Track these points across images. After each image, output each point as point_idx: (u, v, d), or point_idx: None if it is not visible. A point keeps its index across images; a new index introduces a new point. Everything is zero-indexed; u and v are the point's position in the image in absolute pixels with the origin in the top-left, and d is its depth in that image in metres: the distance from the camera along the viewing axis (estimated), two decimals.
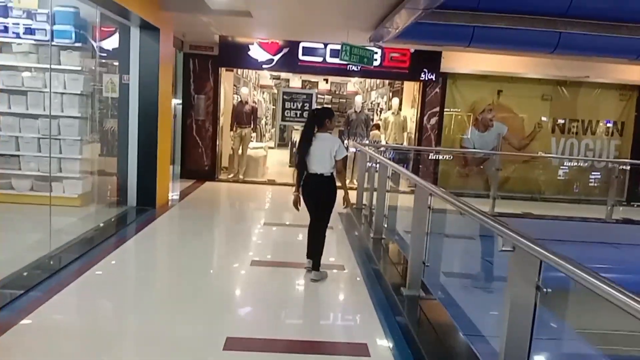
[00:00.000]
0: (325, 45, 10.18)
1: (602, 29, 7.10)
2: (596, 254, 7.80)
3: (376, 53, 8.59)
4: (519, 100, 10.96)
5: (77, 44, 7.03)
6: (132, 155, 7.32)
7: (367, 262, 5.34)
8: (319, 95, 15.50)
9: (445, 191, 3.49)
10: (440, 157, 10.95)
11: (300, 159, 4.77)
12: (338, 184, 4.80)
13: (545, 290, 2.24)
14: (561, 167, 11.35)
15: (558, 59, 10.05)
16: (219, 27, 9.09)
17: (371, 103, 15.40)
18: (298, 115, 10.68)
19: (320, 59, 10.29)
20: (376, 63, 9.74)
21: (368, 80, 16.07)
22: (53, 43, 7.02)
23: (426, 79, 10.40)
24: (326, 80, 17.44)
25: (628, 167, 10.79)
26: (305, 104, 10.68)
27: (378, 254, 5.37)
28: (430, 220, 4.02)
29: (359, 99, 11.31)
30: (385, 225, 5.97)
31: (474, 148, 11.00)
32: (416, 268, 4.04)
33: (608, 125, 11.08)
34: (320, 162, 4.67)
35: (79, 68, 6.98)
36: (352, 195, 7.65)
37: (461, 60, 10.51)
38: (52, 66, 6.95)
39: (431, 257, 4.15)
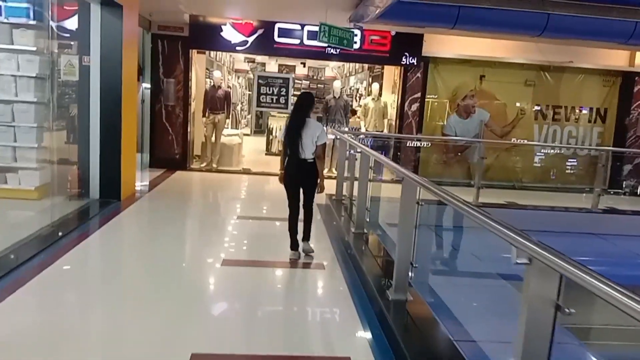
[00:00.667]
0: (303, 26, 9.67)
1: (591, 10, 6.76)
2: (584, 245, 7.59)
3: (356, 35, 8.14)
4: (502, 85, 10.66)
5: (31, 22, 6.43)
6: (93, 143, 6.76)
7: (348, 261, 4.95)
8: (296, 81, 15.00)
9: (441, 188, 3.10)
10: (421, 144, 10.62)
11: (292, 143, 4.79)
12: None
13: (567, 310, 1.91)
14: (537, 154, 11.14)
15: (542, 42, 9.79)
16: (188, 5, 8.52)
17: (350, 88, 14.96)
18: (274, 101, 10.19)
19: (297, 41, 9.79)
20: (356, 46, 9.29)
21: (347, 64, 15.62)
22: (4, 20, 6.41)
23: (407, 63, 10.00)
24: (304, 64, 16.92)
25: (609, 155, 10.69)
26: (282, 89, 10.19)
27: (360, 251, 4.98)
28: (418, 215, 3.64)
29: (337, 84, 10.86)
30: (367, 219, 5.59)
31: (455, 135, 10.69)
32: (403, 270, 3.66)
33: (584, 111, 10.85)
34: (306, 147, 4.76)
35: (34, 49, 6.38)
36: (332, 185, 7.28)
37: (443, 44, 10.14)
38: (3, 46, 6.35)
39: (419, 255, 3.79)
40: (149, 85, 9.94)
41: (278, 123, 13.29)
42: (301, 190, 4.95)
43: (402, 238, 3.63)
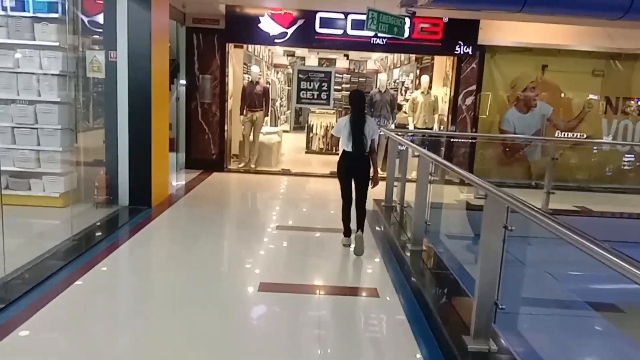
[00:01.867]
0: (346, 15, 8.91)
1: None
2: None
3: (406, 22, 7.30)
4: (566, 76, 9.60)
5: (54, 15, 5.94)
6: (122, 146, 6.24)
7: (407, 287, 4.18)
8: (336, 75, 14.25)
9: (542, 211, 2.31)
10: (476, 140, 9.71)
11: (356, 139, 4.98)
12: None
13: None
14: (608, 152, 10.02)
15: (612, 27, 8.72)
16: None
17: (394, 82, 14.10)
18: (315, 96, 9.48)
19: (340, 32, 9.04)
20: (405, 35, 8.47)
21: (390, 56, 14.76)
22: (26, 14, 5.94)
23: (461, 52, 9.11)
24: (347, 56, 16.11)
25: None
26: (323, 84, 9.47)
27: (421, 276, 4.21)
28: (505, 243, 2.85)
29: (383, 77, 10.07)
30: (426, 232, 4.81)
31: (515, 131, 9.71)
32: (485, 311, 2.89)
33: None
34: (365, 142, 5.02)
35: (57, 44, 5.89)
36: (381, 190, 6.53)
37: (501, 32, 9.18)
38: (25, 42, 5.88)
39: (504, 290, 2.98)
40: (184, 82, 9.42)
41: (319, 120, 12.61)
42: (353, 185, 5.17)
43: (485, 273, 2.84)
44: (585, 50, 9.33)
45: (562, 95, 9.66)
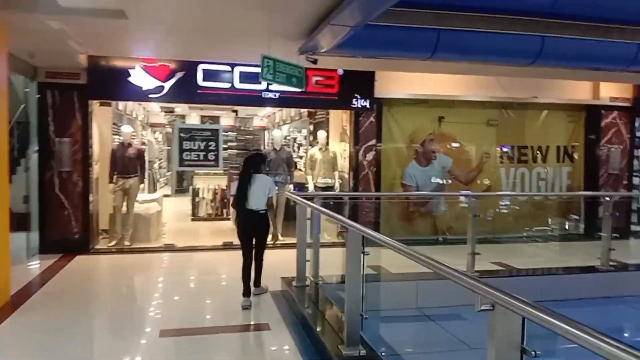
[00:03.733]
0: (233, 67, 7.92)
1: (591, 31, 5.60)
2: (608, 313, 6.19)
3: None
4: (463, 127, 9.41)
5: None
6: None
7: None
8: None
9: None
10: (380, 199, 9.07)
11: (239, 198, 5.39)
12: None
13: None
14: (504, 202, 9.90)
15: (505, 76, 8.73)
16: (82, 42, 6.50)
17: (285, 138, 13.29)
18: (201, 157, 8.22)
19: (227, 85, 7.99)
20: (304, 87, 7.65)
21: (279, 112, 14.00)
22: None
23: (359, 106, 8.50)
24: (236, 112, 15.05)
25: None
26: (210, 143, 8.28)
27: None
28: None
29: (277, 134, 9.14)
30: (362, 330, 3.73)
31: (417, 185, 9.22)
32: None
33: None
34: (258, 199, 5.33)
35: None
36: (291, 265, 5.44)
37: (396, 83, 8.80)
38: None
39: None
40: (36, 148, 7.68)
41: (205, 182, 11.28)
42: (254, 240, 5.44)
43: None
44: (479, 100, 9.25)
45: (459, 146, 9.42)
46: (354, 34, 4.89)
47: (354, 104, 8.47)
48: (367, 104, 8.51)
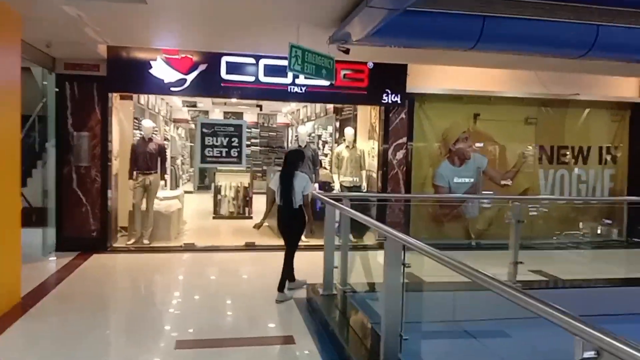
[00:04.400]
0: (258, 59, 7.54)
1: None
2: None
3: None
4: (500, 125, 8.85)
5: None
6: None
7: None
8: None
9: None
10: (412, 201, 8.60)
11: (280, 193, 5.46)
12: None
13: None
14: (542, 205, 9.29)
15: (544, 72, 8.18)
16: (100, 30, 6.18)
17: (309, 136, 12.88)
18: (224, 154, 7.89)
19: (251, 79, 7.61)
20: (326, 82, 7.24)
21: (303, 108, 13.62)
22: None
23: (389, 101, 8.03)
24: (260, 107, 14.69)
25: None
26: (233, 139, 7.94)
27: None
28: None
29: (303, 131, 8.74)
30: (400, 352, 3.29)
31: (449, 186, 8.71)
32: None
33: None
34: (296, 197, 5.38)
35: None
36: (315, 269, 5.05)
37: (429, 77, 8.31)
38: None
39: None
40: (54, 142, 7.43)
41: (227, 180, 10.94)
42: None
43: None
44: (518, 96, 8.69)
45: (496, 145, 8.87)
46: (391, 20, 4.44)
47: (384, 100, 8.00)
48: (398, 99, 8.04)
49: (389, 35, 4.88)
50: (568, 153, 9.15)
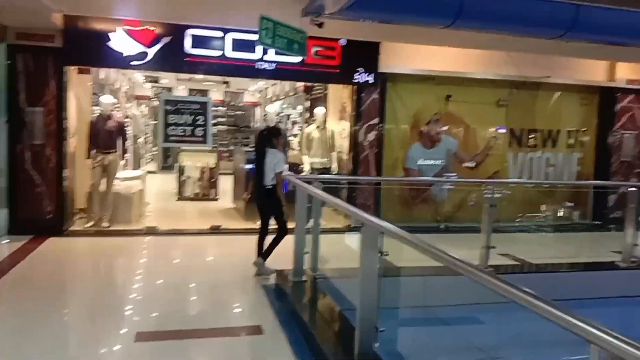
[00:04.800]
0: (225, 32, 7.17)
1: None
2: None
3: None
4: (471, 107, 8.77)
5: None
6: None
7: None
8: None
9: None
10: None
11: (256, 172, 5.46)
12: None
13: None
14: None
15: (516, 53, 8.10)
16: (58, 0, 5.70)
17: (278, 115, 12.56)
18: (188, 133, 7.51)
19: (217, 53, 7.25)
20: (298, 59, 6.95)
21: (271, 87, 13.24)
22: None
23: (362, 81, 7.81)
24: (226, 84, 14.22)
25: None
26: (197, 117, 7.55)
27: None
28: None
29: (271, 110, 8.45)
30: (377, 344, 3.12)
31: (419, 168, 8.61)
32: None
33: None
34: (266, 174, 5.32)
35: None
36: (286, 253, 4.84)
37: (402, 57, 8.11)
38: None
39: None
40: (5, 119, 6.92)
41: (192, 160, 10.55)
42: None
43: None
44: (489, 78, 8.59)
45: (467, 127, 8.79)
46: None
47: (357, 79, 7.78)
48: (370, 78, 7.83)
49: (364, 9, 4.64)
50: (538, 136, 9.16)
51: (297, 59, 7.03)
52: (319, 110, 8.41)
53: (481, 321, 4.75)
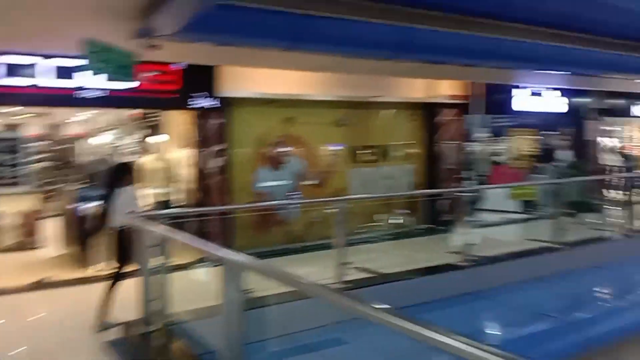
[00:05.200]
0: (41, 58, 6.27)
1: (454, 24, 5.40)
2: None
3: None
4: (313, 127, 8.94)
5: None
6: None
7: None
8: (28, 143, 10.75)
9: None
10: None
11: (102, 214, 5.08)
12: None
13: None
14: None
15: (351, 76, 8.47)
16: None
17: (111, 147, 11.47)
18: None
19: (28, 82, 6.30)
20: (128, 84, 6.36)
21: (104, 115, 12.06)
22: None
23: (203, 106, 7.46)
24: (45, 115, 12.56)
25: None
26: (7, 157, 6.47)
27: None
28: None
29: (100, 142, 7.63)
30: None
31: (267, 190, 8.50)
32: None
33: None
34: (118, 215, 4.90)
35: None
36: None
37: (245, 81, 7.99)
38: None
39: None
40: None
41: (7, 205, 9.02)
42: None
43: None
44: (327, 99, 8.85)
45: (310, 147, 8.93)
46: (205, 14, 3.94)
47: (197, 104, 7.41)
48: (213, 103, 7.52)
49: (203, 31, 4.35)
50: (375, 152, 9.65)
51: (130, 84, 6.43)
52: (154, 139, 7.82)
53: (345, 341, 4.69)
